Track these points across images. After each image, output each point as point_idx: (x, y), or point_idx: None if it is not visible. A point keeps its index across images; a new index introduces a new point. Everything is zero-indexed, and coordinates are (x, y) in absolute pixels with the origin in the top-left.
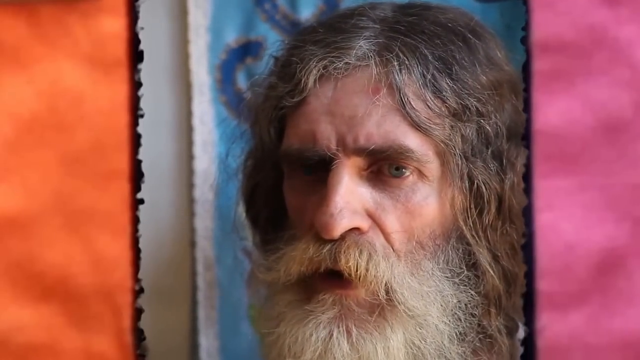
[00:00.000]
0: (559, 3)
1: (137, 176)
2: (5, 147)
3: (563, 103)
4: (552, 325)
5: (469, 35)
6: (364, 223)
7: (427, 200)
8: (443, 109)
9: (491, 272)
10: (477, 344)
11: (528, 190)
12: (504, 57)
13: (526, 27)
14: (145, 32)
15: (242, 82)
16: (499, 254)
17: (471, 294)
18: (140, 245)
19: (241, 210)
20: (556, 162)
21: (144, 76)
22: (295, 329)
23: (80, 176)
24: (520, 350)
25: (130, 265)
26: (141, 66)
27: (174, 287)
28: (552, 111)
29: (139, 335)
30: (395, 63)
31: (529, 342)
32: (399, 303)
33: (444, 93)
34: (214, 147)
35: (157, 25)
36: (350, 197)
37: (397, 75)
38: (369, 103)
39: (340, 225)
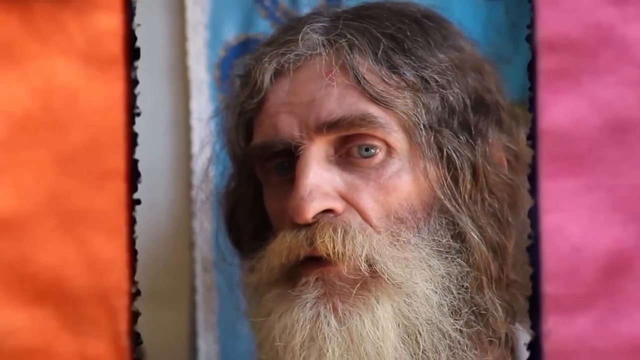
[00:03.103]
0: (565, 1)
1: (133, 176)
2: None
3: (569, 102)
4: (558, 329)
5: (422, 18)
6: (336, 204)
7: (399, 175)
8: (401, 83)
9: (477, 239)
10: (473, 320)
11: (534, 191)
12: (466, 42)
13: (532, 25)
14: (142, 29)
15: None
16: (482, 224)
17: (459, 264)
18: (137, 247)
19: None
20: (562, 162)
21: (140, 74)
22: (283, 316)
23: (75, 176)
24: (527, 354)
25: (127, 267)
26: (138, 63)
27: (171, 290)
28: (558, 111)
29: (135, 339)
30: (344, 43)
31: (536, 346)
32: (382, 273)
33: (399, 68)
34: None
35: (155, 22)
36: (319, 180)
37: (349, 55)
38: (326, 85)
39: (312, 207)
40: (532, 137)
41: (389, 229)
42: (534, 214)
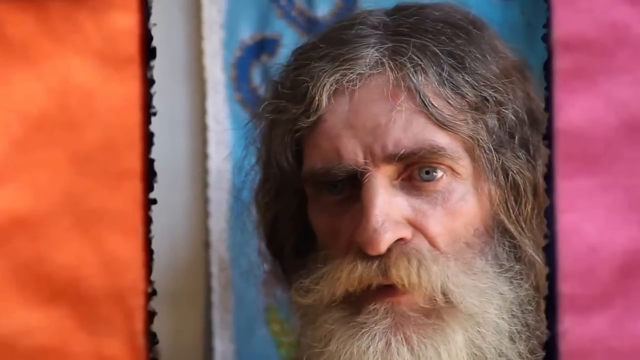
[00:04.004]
0: (580, 0)
1: (149, 175)
2: (14, 146)
3: (585, 102)
4: (574, 329)
5: (470, 27)
6: (407, 232)
7: (465, 199)
8: (464, 104)
9: (540, 262)
10: (537, 345)
11: (550, 190)
12: (504, 45)
13: (547, 25)
14: (158, 28)
15: (257, 79)
16: (541, 244)
17: (525, 288)
18: (153, 247)
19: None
20: (578, 162)
21: (156, 73)
22: (348, 344)
23: (91, 175)
24: (543, 354)
25: (143, 267)
26: (154, 63)
27: (187, 289)
28: (574, 110)
29: (151, 338)
30: (409, 65)
31: (552, 346)
32: (457, 303)
33: (462, 88)
34: (229, 147)
35: (171, 22)
36: (388, 208)
37: (414, 77)
38: (390, 110)
39: (385, 239)
40: (548, 137)
41: (458, 255)
42: (550, 214)
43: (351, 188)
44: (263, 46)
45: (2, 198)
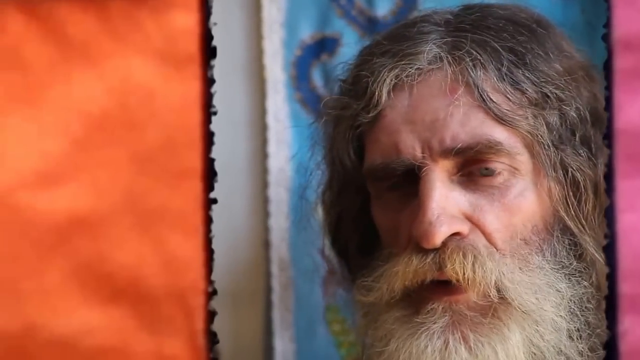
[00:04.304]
0: None
1: (210, 175)
2: (75, 146)
3: None
4: (635, 329)
5: (535, 26)
6: (463, 227)
7: (523, 195)
8: (524, 100)
9: (601, 260)
10: (597, 344)
11: (610, 190)
12: (570, 45)
13: (608, 24)
14: (218, 28)
15: (317, 79)
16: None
17: (584, 286)
18: (213, 246)
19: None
20: (638, 162)
21: (217, 73)
22: (407, 343)
23: (152, 175)
24: (604, 352)
25: (203, 267)
26: (214, 62)
27: (247, 289)
28: (634, 110)
29: (212, 338)
30: (468, 60)
31: (612, 346)
32: (512, 300)
33: (522, 84)
34: (289, 146)
35: (231, 21)
36: (445, 202)
37: (472, 72)
38: (449, 104)
39: (440, 232)
40: (608, 137)
41: (515, 252)
42: (610, 214)
43: (411, 184)
44: (323, 45)
45: (63, 198)
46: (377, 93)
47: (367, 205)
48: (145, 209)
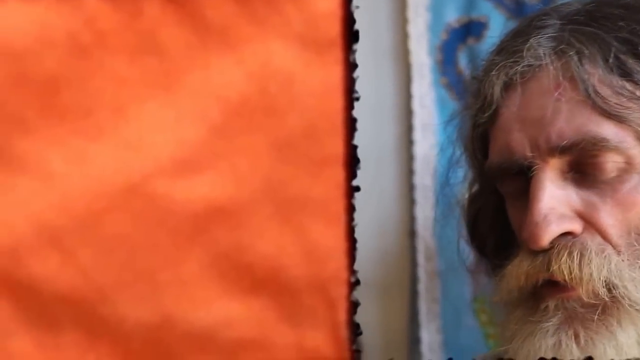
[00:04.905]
0: None
1: (352, 162)
2: (214, 132)
3: None
4: None
5: None
6: (575, 226)
7: (637, 189)
8: (635, 92)
9: None
10: None
11: None
12: None
13: None
14: (361, 11)
15: (463, 63)
16: None
17: None
18: (356, 235)
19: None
20: None
21: (359, 57)
22: (526, 343)
23: (292, 162)
24: None
25: (346, 256)
26: (356, 47)
27: (392, 279)
28: None
29: (355, 330)
30: (573, 54)
31: None
32: (622, 297)
33: (633, 75)
34: (435, 132)
35: (374, 4)
36: (554, 201)
37: (577, 66)
38: (555, 101)
39: (547, 233)
40: None
41: (629, 248)
42: None
43: (527, 183)
44: (469, 29)
45: (202, 186)
46: (489, 92)
47: (502, 205)
48: (285, 197)
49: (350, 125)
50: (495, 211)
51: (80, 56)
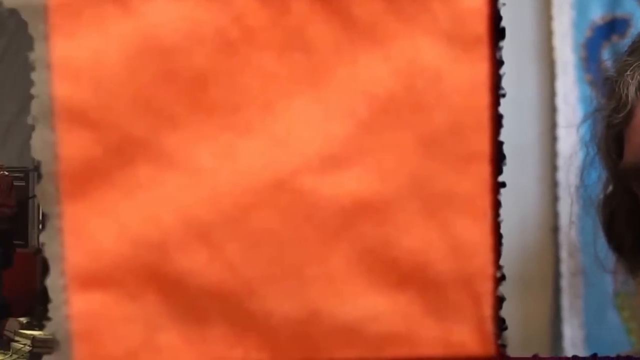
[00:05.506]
0: None
1: (498, 158)
2: (360, 128)
3: None
4: None
5: None
6: None
7: None
8: None
9: None
10: None
11: None
12: None
13: None
14: (507, 8)
15: (608, 61)
16: None
17: None
18: (502, 231)
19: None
20: None
21: (505, 54)
22: None
23: (438, 158)
24: None
25: (491, 252)
26: (502, 44)
27: (536, 274)
28: None
29: (500, 324)
30: None
31: None
32: None
33: None
34: (579, 129)
35: (519, 1)
36: None
37: None
38: None
39: None
40: None
41: None
42: None
43: None
44: (614, 26)
45: (349, 181)
46: (623, 93)
47: (638, 205)
48: (431, 193)
49: (496, 121)
50: (631, 212)
51: (228, 52)
